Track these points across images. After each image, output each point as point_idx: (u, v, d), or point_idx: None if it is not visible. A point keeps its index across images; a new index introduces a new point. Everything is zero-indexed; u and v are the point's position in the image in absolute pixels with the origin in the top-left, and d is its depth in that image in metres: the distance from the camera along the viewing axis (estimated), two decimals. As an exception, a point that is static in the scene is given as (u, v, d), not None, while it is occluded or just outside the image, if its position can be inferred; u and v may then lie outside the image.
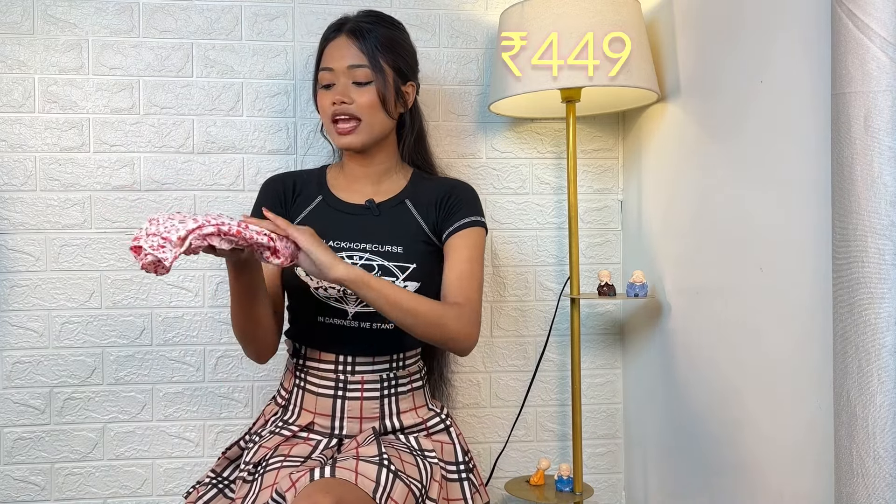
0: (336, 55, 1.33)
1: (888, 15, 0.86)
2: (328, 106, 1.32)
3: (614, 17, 1.42)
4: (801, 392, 1.11)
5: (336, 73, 1.32)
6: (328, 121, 1.34)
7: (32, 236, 1.60)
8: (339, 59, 1.32)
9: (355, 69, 1.31)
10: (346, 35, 1.34)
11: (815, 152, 1.06)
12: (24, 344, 1.60)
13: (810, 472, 1.09)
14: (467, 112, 1.73)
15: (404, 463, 1.19)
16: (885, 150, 0.87)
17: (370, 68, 1.31)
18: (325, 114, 1.34)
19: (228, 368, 1.66)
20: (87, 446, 1.62)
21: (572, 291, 1.54)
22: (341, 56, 1.32)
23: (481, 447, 1.75)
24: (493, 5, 1.72)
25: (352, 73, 1.31)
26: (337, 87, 1.32)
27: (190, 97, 1.64)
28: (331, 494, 1.02)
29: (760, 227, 1.21)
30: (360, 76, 1.31)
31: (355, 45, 1.33)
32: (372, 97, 1.32)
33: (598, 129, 1.77)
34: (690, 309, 1.46)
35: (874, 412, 0.87)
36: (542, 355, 1.73)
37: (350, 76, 1.32)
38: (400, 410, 1.32)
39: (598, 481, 1.77)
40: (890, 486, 0.86)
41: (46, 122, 1.60)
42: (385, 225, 1.34)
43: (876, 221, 0.87)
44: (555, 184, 1.76)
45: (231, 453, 1.34)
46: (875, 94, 0.87)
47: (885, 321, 0.86)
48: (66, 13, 1.60)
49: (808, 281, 1.08)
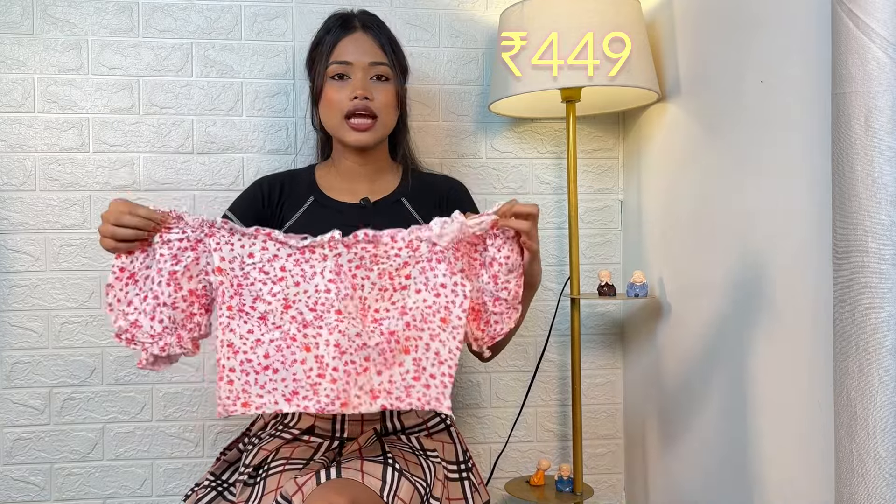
0: (355, 49, 1.30)
1: (888, 15, 0.86)
2: (344, 100, 1.29)
3: (614, 17, 1.42)
4: (801, 392, 1.11)
5: (354, 67, 1.30)
6: (340, 115, 1.30)
7: (32, 236, 1.59)
8: (359, 54, 1.30)
9: (377, 66, 1.30)
10: (363, 30, 1.32)
11: (815, 152, 1.06)
12: (24, 344, 1.60)
13: (810, 472, 1.09)
14: (467, 112, 1.73)
15: (408, 462, 1.18)
16: (885, 150, 0.86)
17: (390, 66, 1.31)
18: (337, 108, 1.30)
19: (228, 368, 1.65)
20: (86, 446, 1.62)
21: (572, 291, 1.54)
22: (363, 51, 1.30)
23: (481, 447, 1.75)
24: (493, 5, 1.72)
25: (372, 69, 1.30)
26: (355, 81, 1.29)
27: (189, 97, 1.64)
28: (344, 495, 1.02)
29: (760, 226, 1.21)
30: (382, 73, 1.31)
31: (375, 41, 1.32)
32: (391, 96, 1.31)
33: (598, 129, 1.77)
34: (690, 309, 1.46)
35: (874, 412, 0.87)
36: (542, 355, 1.73)
37: (370, 72, 1.30)
38: (401, 411, 1.32)
39: (598, 481, 1.77)
40: (890, 487, 0.86)
41: (46, 122, 1.59)
42: (383, 224, 1.33)
43: (876, 221, 0.87)
44: (555, 184, 1.75)
45: (230, 456, 1.34)
46: (875, 94, 0.87)
47: (886, 321, 0.86)
48: (65, 13, 1.60)
49: (808, 281, 1.08)
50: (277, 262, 1.05)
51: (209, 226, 1.04)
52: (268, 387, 1.03)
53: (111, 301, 1.03)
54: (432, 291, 1.06)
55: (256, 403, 1.02)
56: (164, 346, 1.02)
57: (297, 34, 1.67)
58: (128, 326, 1.02)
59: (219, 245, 1.04)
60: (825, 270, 1.02)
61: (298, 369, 1.03)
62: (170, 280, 1.02)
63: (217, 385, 1.03)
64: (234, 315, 1.04)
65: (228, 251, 1.04)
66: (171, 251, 1.02)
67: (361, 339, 1.04)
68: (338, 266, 1.05)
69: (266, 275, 1.05)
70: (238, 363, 1.03)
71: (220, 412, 1.02)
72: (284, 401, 1.03)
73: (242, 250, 1.05)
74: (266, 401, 1.03)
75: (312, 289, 1.04)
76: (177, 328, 1.03)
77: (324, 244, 1.05)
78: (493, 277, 1.08)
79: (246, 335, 1.04)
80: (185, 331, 1.04)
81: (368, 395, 1.04)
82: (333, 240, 1.05)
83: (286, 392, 1.03)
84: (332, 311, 1.04)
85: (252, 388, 1.03)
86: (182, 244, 1.03)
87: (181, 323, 1.03)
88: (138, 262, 1.04)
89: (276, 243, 1.05)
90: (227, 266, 1.04)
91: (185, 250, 1.03)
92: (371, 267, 1.06)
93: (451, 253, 1.06)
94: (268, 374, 1.03)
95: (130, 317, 1.02)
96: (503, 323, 1.10)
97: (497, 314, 1.10)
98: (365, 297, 1.06)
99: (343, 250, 1.06)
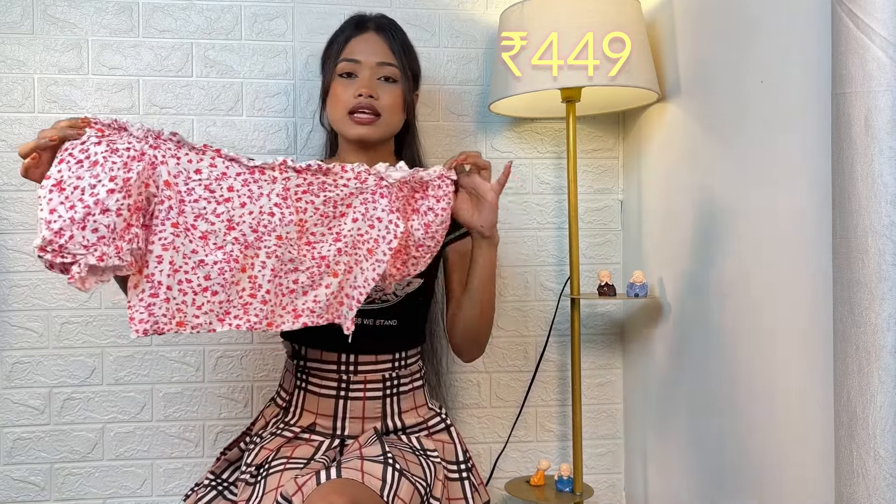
0: (366, 48, 1.32)
1: (888, 15, 0.86)
2: (349, 97, 1.30)
3: (614, 17, 1.42)
4: (801, 392, 1.11)
5: (362, 66, 1.31)
6: (344, 112, 1.31)
7: (32, 236, 1.59)
8: (369, 53, 1.31)
9: (385, 66, 1.31)
10: (375, 31, 1.34)
11: (815, 152, 1.06)
12: (24, 344, 1.60)
13: (810, 472, 1.09)
14: (467, 112, 1.73)
15: (408, 462, 1.18)
16: (885, 150, 0.86)
17: (398, 68, 1.32)
18: (342, 104, 1.31)
19: (228, 368, 1.66)
20: (86, 446, 1.62)
21: (572, 291, 1.54)
22: (372, 51, 1.31)
23: (481, 447, 1.75)
24: (493, 5, 1.72)
25: (380, 70, 1.31)
26: (361, 80, 1.30)
27: (189, 97, 1.64)
28: (345, 495, 1.02)
29: (760, 226, 1.21)
30: (390, 74, 1.31)
31: (385, 42, 1.33)
32: (397, 98, 1.32)
33: (598, 129, 1.77)
34: (690, 309, 1.46)
35: (874, 412, 0.87)
36: (542, 355, 1.73)
37: (378, 72, 1.31)
38: (402, 410, 1.32)
39: (598, 481, 1.77)
40: (890, 487, 0.86)
41: (46, 122, 1.59)
42: None
43: (876, 221, 0.87)
44: (555, 184, 1.75)
45: (231, 455, 1.34)
46: (875, 94, 0.87)
47: (886, 321, 0.86)
48: (65, 13, 1.60)
49: (808, 281, 1.08)
50: (225, 181, 1.04)
51: (154, 136, 1.00)
52: (204, 307, 1.01)
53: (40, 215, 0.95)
54: (367, 222, 1.11)
55: (192, 324, 1.01)
56: (100, 256, 0.94)
57: (297, 34, 1.67)
58: (51, 237, 0.93)
59: (164, 158, 1.00)
60: (825, 270, 1.02)
61: (233, 290, 1.03)
62: (122, 187, 0.95)
63: (147, 301, 0.98)
64: (180, 233, 1.00)
65: (174, 165, 1.01)
66: (121, 159, 0.96)
67: (293, 264, 1.07)
68: (285, 190, 1.07)
69: (211, 193, 1.03)
70: (176, 282, 1.00)
71: (146, 330, 0.97)
72: (217, 321, 1.02)
73: (189, 165, 1.02)
74: (202, 321, 1.01)
75: (257, 209, 1.05)
76: (115, 238, 0.95)
77: (274, 167, 1.07)
78: (426, 226, 1.15)
79: (189, 254, 1.01)
80: (123, 241, 0.96)
81: (291, 314, 1.07)
82: (285, 164, 1.08)
83: (219, 312, 1.02)
84: (272, 236, 1.05)
85: (188, 309, 1.01)
86: (130, 153, 0.98)
87: (119, 233, 0.96)
88: (68, 171, 0.95)
89: (226, 161, 1.04)
90: (172, 180, 1.01)
91: (133, 159, 0.97)
92: (318, 193, 1.09)
93: (395, 190, 1.12)
94: (206, 296, 1.01)
95: (54, 225, 0.93)
96: (417, 267, 1.17)
97: (416, 258, 1.16)
98: (305, 220, 1.09)
99: (293, 175, 1.08)
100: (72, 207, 0.93)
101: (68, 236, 0.93)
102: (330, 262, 1.09)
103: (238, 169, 1.05)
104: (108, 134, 0.98)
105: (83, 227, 0.93)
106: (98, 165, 0.96)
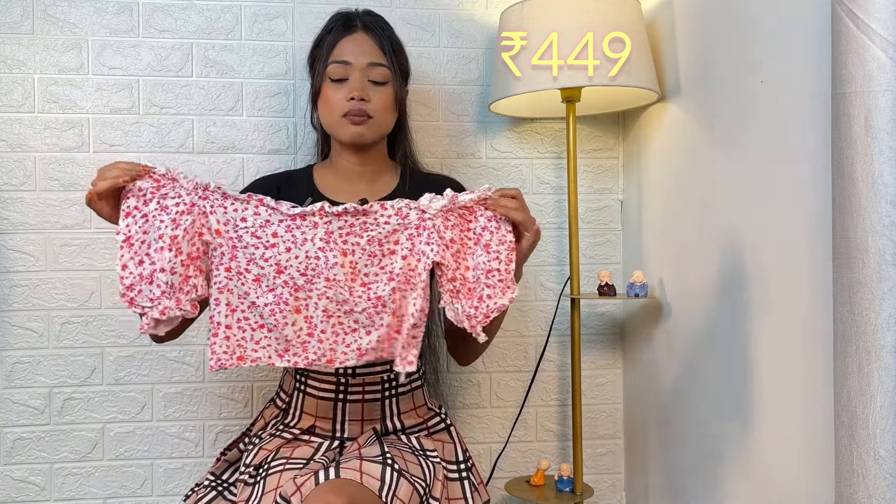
0: (354, 50, 1.30)
1: (888, 15, 0.86)
2: (341, 101, 1.29)
3: (614, 17, 1.42)
4: (802, 392, 1.11)
5: (352, 68, 1.30)
6: (338, 115, 1.30)
7: (32, 236, 1.59)
8: (358, 55, 1.30)
9: (375, 67, 1.30)
10: (364, 30, 1.32)
11: (815, 152, 1.06)
12: (24, 344, 1.60)
13: (810, 472, 1.09)
14: (467, 112, 1.72)
15: (407, 462, 1.18)
16: (885, 150, 0.86)
17: (389, 68, 1.31)
18: (335, 108, 1.30)
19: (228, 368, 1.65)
20: (86, 446, 1.62)
21: (572, 291, 1.54)
22: (361, 52, 1.30)
23: (481, 447, 1.75)
24: (493, 5, 1.72)
25: (370, 71, 1.30)
26: (352, 82, 1.29)
27: (190, 97, 1.64)
28: (343, 495, 1.02)
29: (760, 226, 1.21)
30: (379, 76, 1.30)
31: (375, 42, 1.31)
32: (389, 98, 1.31)
33: (598, 129, 1.77)
34: (690, 309, 1.46)
35: (874, 412, 0.87)
36: (542, 355, 1.73)
37: (368, 73, 1.30)
38: (401, 411, 1.32)
39: (598, 481, 1.77)
40: (890, 487, 0.86)
41: (46, 122, 1.59)
42: None
43: (876, 221, 0.87)
44: (555, 184, 1.75)
45: (231, 456, 1.34)
46: (875, 94, 0.87)
47: (886, 321, 0.86)
48: (65, 13, 1.60)
49: (808, 281, 1.08)
50: (269, 227, 1.09)
51: (203, 189, 1.07)
52: (262, 343, 1.10)
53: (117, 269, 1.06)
54: (415, 257, 1.11)
55: (252, 357, 1.09)
56: (163, 310, 1.04)
57: (297, 34, 1.67)
58: (124, 290, 1.04)
59: (213, 208, 1.07)
60: (825, 270, 1.02)
61: (290, 331, 1.08)
62: (171, 245, 1.04)
63: (212, 340, 1.07)
64: (233, 276, 1.08)
65: (222, 214, 1.08)
66: (169, 216, 1.04)
67: (348, 306, 1.09)
68: (328, 234, 1.09)
69: (258, 239, 1.09)
70: (235, 321, 1.08)
71: (213, 366, 1.07)
72: (277, 356, 1.10)
73: (235, 213, 1.08)
74: (261, 355, 1.10)
75: (303, 255, 1.09)
76: (175, 292, 1.04)
77: (314, 212, 1.09)
78: (485, 247, 1.11)
79: (243, 296, 1.08)
80: (182, 294, 1.05)
81: (356, 352, 1.10)
82: (323, 210, 1.09)
83: (278, 349, 1.10)
84: (321, 278, 1.09)
85: (248, 344, 1.09)
86: (179, 208, 1.05)
87: (179, 287, 1.05)
88: (135, 227, 1.05)
89: (268, 209, 1.09)
90: (223, 228, 1.08)
91: (182, 213, 1.05)
92: (360, 234, 1.10)
93: (440, 221, 1.10)
94: (262, 332, 1.09)
95: (126, 280, 1.04)
96: (496, 298, 1.11)
97: (490, 287, 1.11)
98: (356, 262, 1.10)
99: (333, 219, 1.10)
100: (140, 263, 1.04)
101: (137, 290, 1.04)
102: (386, 301, 1.10)
103: (280, 216, 1.09)
104: (163, 185, 1.06)
105: (150, 283, 1.04)
106: (155, 224, 1.05)
